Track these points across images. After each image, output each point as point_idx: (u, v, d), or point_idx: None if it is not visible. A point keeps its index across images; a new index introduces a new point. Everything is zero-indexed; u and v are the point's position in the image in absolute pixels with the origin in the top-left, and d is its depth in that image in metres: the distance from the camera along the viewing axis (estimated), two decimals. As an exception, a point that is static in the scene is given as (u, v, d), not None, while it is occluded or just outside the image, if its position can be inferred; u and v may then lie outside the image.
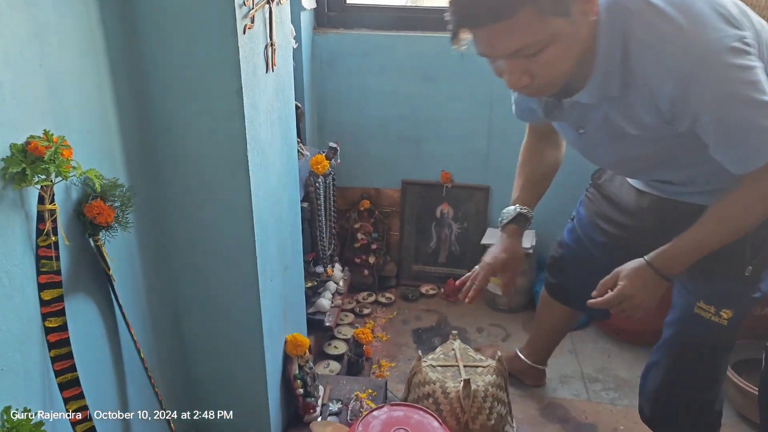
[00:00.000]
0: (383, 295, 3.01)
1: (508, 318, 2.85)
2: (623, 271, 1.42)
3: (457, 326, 2.74)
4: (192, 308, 1.70)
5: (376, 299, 2.99)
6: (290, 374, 1.97)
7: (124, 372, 1.45)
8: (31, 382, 1.11)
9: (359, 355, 2.45)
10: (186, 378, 1.80)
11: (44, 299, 1.11)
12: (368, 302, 2.95)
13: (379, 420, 1.70)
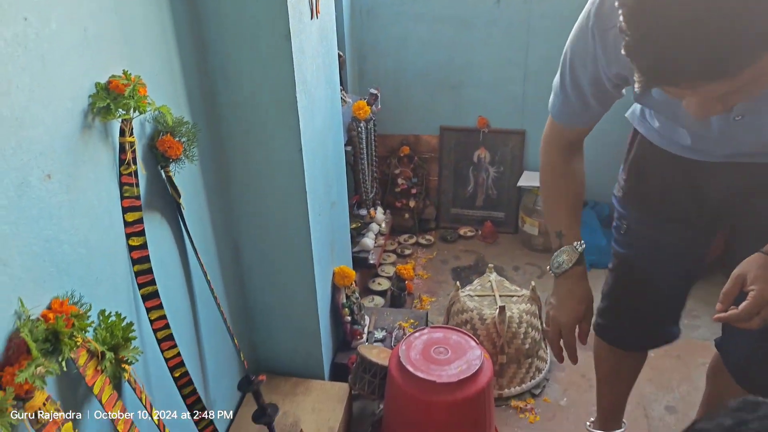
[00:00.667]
0: (423, 237, 3.15)
1: (544, 257, 2.95)
2: (748, 272, 1.09)
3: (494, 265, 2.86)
4: (250, 240, 1.87)
5: (417, 241, 3.13)
6: (338, 303, 2.14)
7: (194, 292, 1.62)
8: (120, 292, 1.28)
9: (401, 290, 2.61)
10: (244, 304, 1.98)
11: (127, 221, 1.28)
12: (409, 243, 3.10)
13: (420, 340, 1.85)
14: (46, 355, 0.99)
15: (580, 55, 1.20)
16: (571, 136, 1.39)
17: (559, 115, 1.35)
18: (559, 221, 1.42)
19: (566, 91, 1.28)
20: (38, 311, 1.01)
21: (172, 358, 1.42)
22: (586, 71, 1.21)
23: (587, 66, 1.20)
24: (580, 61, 1.21)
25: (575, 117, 1.33)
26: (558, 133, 1.40)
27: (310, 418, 1.92)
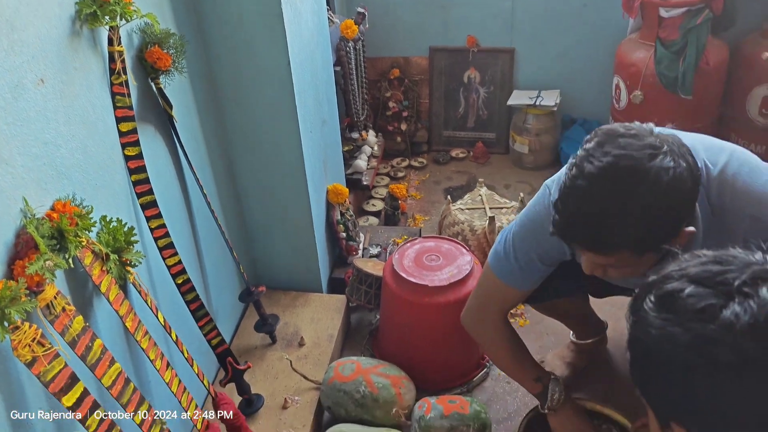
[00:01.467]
0: (416, 160, 3.19)
1: (534, 175, 3.00)
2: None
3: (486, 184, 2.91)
4: (244, 157, 1.90)
5: (409, 163, 3.17)
6: (333, 220, 2.20)
7: (191, 206, 1.67)
8: (119, 200, 1.33)
9: (395, 209, 2.66)
10: (241, 221, 2.03)
11: (122, 131, 1.31)
12: (402, 166, 3.14)
13: (413, 249, 1.92)
14: (54, 252, 1.05)
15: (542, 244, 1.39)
16: (511, 301, 1.55)
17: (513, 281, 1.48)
18: (531, 370, 1.58)
19: (519, 264, 1.44)
20: (42, 211, 1.06)
21: (174, 266, 1.48)
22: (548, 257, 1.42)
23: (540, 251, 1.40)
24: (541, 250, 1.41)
25: (526, 282, 1.48)
26: (500, 299, 1.53)
27: (310, 327, 2.00)
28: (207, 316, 1.58)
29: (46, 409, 1.09)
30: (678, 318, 0.70)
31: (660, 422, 0.78)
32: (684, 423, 0.72)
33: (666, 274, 0.75)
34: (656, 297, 0.73)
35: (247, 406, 1.71)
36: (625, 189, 1.05)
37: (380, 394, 1.69)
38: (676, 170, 1.04)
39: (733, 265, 0.71)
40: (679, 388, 0.70)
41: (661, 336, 0.71)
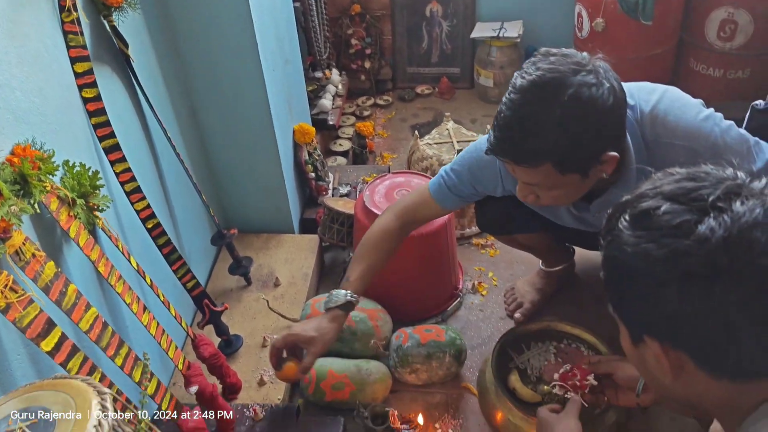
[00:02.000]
0: (381, 98, 3.16)
1: (501, 108, 3.00)
2: None
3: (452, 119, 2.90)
4: (206, 101, 1.86)
5: (375, 102, 3.14)
6: (301, 160, 2.18)
7: (155, 150, 1.64)
8: (81, 145, 1.29)
9: (363, 147, 2.65)
10: (208, 165, 2.00)
11: (77, 71, 1.27)
12: (367, 105, 3.11)
13: (383, 185, 1.93)
14: (18, 197, 1.02)
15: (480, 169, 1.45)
16: (430, 214, 1.60)
17: (440, 197, 1.54)
18: (356, 270, 1.53)
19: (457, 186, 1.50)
20: (2, 156, 1.03)
21: (143, 210, 1.46)
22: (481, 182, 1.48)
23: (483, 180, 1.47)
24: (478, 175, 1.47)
25: (452, 202, 1.55)
26: (418, 208, 1.57)
27: (284, 267, 2.02)
28: (180, 260, 1.58)
29: (24, 355, 1.09)
30: (652, 234, 0.72)
31: (633, 338, 0.81)
32: (657, 336, 0.75)
33: (640, 193, 0.77)
34: (631, 216, 0.75)
35: (227, 347, 1.73)
36: (545, 98, 1.12)
37: (358, 327, 1.72)
38: (598, 88, 1.12)
39: (707, 181, 0.74)
40: (652, 303, 0.73)
41: (635, 252, 0.73)
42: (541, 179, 1.22)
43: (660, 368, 0.78)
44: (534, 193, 1.28)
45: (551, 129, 1.13)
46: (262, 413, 1.53)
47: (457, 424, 1.64)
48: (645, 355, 0.80)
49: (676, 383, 0.77)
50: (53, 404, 0.84)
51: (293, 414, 1.53)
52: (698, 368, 0.74)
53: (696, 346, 0.73)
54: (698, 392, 0.78)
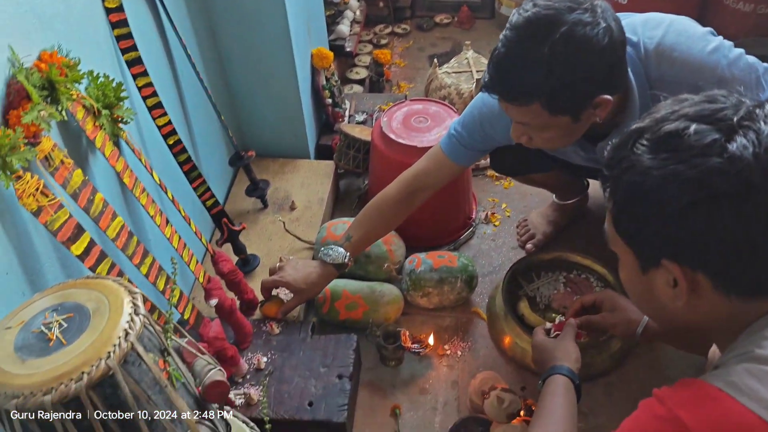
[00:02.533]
0: (399, 26, 3.10)
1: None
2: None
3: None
4: (225, 20, 1.83)
5: (393, 30, 3.08)
6: (318, 85, 2.17)
7: (176, 68, 1.63)
8: (104, 56, 1.29)
9: (380, 75, 2.63)
10: (226, 87, 2.00)
11: (100, -19, 1.25)
12: (385, 33, 3.05)
13: (401, 111, 1.92)
14: (46, 103, 1.04)
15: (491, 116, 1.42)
16: (445, 175, 1.57)
17: (454, 154, 1.53)
18: (358, 233, 1.59)
19: (470, 140, 1.49)
20: (30, 61, 1.04)
21: (164, 126, 1.47)
22: (495, 129, 1.44)
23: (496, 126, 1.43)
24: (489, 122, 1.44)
25: (467, 157, 1.54)
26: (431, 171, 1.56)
27: (300, 192, 2.04)
28: (200, 177, 1.60)
29: (55, 259, 1.13)
30: (681, 155, 0.72)
31: (644, 265, 0.81)
32: (678, 258, 0.76)
33: (659, 118, 0.77)
34: (653, 140, 0.75)
35: (244, 265, 1.78)
36: (536, 36, 1.11)
37: (372, 250, 1.75)
38: (593, 27, 1.10)
39: (726, 103, 0.74)
40: (678, 225, 0.73)
41: (663, 175, 0.73)
42: (531, 119, 1.22)
43: (672, 293, 0.78)
44: (527, 134, 1.29)
45: (539, 67, 1.12)
46: (278, 328, 1.59)
47: (465, 346, 1.69)
48: (654, 282, 0.81)
49: (684, 307, 0.79)
50: (87, 301, 0.88)
51: (308, 330, 1.59)
52: (713, 287, 0.75)
53: (718, 266, 0.74)
54: (702, 312, 0.79)
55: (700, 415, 0.67)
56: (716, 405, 0.67)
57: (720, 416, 0.66)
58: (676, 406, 0.69)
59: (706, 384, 0.70)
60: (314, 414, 1.41)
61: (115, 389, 0.82)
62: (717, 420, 0.66)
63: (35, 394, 0.77)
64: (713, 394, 0.68)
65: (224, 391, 1.01)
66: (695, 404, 0.69)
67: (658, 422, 0.71)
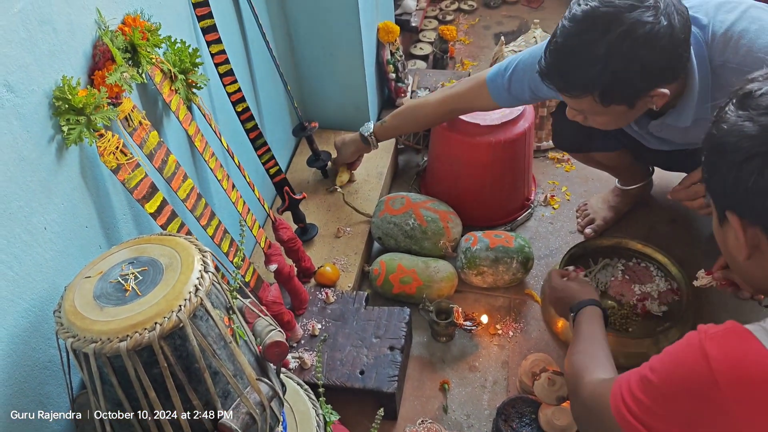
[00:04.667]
0: (465, 3, 3.06)
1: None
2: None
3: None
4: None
5: (459, 7, 3.05)
6: (383, 59, 2.17)
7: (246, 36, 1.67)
8: (182, 22, 1.33)
9: (444, 52, 2.61)
10: (292, 57, 2.02)
11: (181, -52, 1.29)
12: (451, 10, 3.02)
13: (465, 89, 1.91)
14: (128, 65, 1.08)
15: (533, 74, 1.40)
16: (481, 106, 1.64)
17: (496, 92, 1.55)
18: (391, 120, 1.78)
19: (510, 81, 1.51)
20: (115, 24, 1.08)
21: (234, 93, 1.51)
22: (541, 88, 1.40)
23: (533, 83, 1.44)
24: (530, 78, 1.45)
25: (506, 101, 1.57)
26: (470, 97, 1.61)
27: (361, 165, 2.05)
28: (265, 146, 1.63)
29: (129, 216, 1.18)
30: (750, 113, 0.77)
31: (720, 217, 0.86)
32: (737, 211, 0.81)
33: (751, 78, 0.81)
34: (737, 98, 0.80)
35: (303, 234, 1.81)
36: (595, 32, 1.11)
37: (429, 226, 1.76)
38: (654, 26, 1.08)
39: None
40: (737, 177, 0.77)
41: (730, 129, 0.78)
42: (585, 108, 1.25)
43: (738, 246, 0.83)
44: (582, 115, 1.31)
45: (595, 64, 1.13)
46: (334, 297, 1.62)
47: (518, 327, 1.69)
48: (727, 234, 0.86)
49: (750, 262, 0.83)
50: (160, 256, 0.92)
51: (362, 301, 1.62)
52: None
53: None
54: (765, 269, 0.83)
55: (723, 349, 0.74)
56: (741, 343, 0.73)
57: (741, 353, 0.73)
58: (706, 339, 0.76)
59: (740, 326, 0.76)
60: (365, 382, 1.44)
61: (184, 341, 0.86)
62: (737, 356, 0.73)
63: (112, 340, 0.82)
64: (743, 334, 0.74)
65: (283, 351, 1.04)
66: (723, 340, 0.75)
67: (688, 349, 0.79)
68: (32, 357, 0.96)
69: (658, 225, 1.91)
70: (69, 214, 1.01)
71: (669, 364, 0.82)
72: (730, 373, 0.72)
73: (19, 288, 0.92)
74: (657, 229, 1.90)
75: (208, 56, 1.43)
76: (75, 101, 0.95)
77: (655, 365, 0.84)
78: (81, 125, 0.97)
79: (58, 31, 0.95)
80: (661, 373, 0.82)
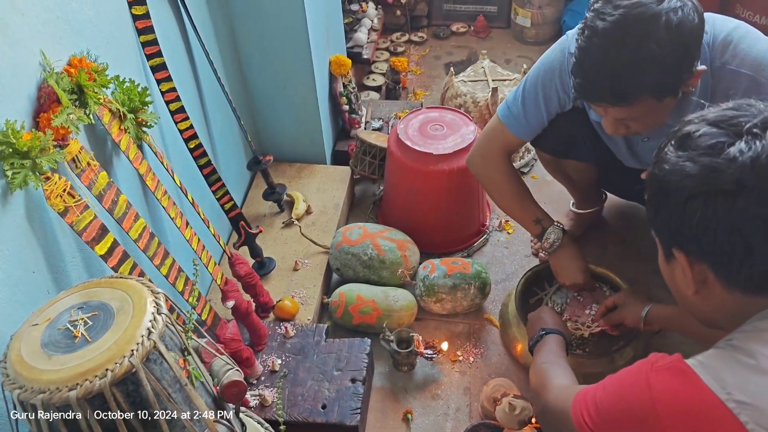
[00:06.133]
0: (416, 35, 3.12)
1: (536, 49, 2.95)
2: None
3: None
4: (245, 22, 1.86)
5: (409, 38, 3.11)
6: (336, 91, 2.19)
7: (197, 72, 1.66)
8: (130, 61, 1.33)
9: (396, 83, 2.65)
10: (245, 91, 2.03)
11: (128, -12, 1.29)
12: (402, 41, 3.08)
13: (417, 119, 1.94)
14: (75, 106, 1.07)
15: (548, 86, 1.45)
16: (514, 146, 1.63)
17: (516, 128, 1.55)
18: (533, 211, 1.66)
19: (527, 111, 1.51)
20: (60, 66, 1.07)
21: (186, 130, 1.50)
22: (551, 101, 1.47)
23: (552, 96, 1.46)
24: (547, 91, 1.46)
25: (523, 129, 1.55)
26: (503, 143, 1.60)
27: (316, 196, 2.06)
28: (219, 181, 1.62)
29: (79, 258, 1.15)
30: (690, 154, 0.79)
31: (665, 254, 0.89)
32: (683, 248, 0.83)
33: (688, 120, 0.83)
34: (676, 139, 0.83)
35: (260, 268, 1.80)
36: (639, 35, 1.11)
37: (387, 256, 1.77)
38: (683, 9, 1.11)
39: (749, 112, 0.80)
40: (681, 215, 0.80)
41: (672, 169, 0.80)
42: (638, 112, 1.22)
43: (685, 281, 0.86)
44: (624, 125, 1.28)
45: (651, 64, 1.12)
46: (293, 331, 1.61)
47: (478, 352, 1.70)
48: (674, 270, 0.88)
49: (698, 297, 0.86)
50: (111, 300, 0.90)
51: (323, 333, 1.61)
52: (717, 280, 0.82)
53: (716, 257, 0.80)
54: (714, 305, 0.86)
55: (665, 382, 0.78)
56: (682, 377, 0.76)
57: (681, 386, 0.76)
58: (652, 371, 0.80)
59: (683, 362, 0.79)
60: (327, 416, 1.43)
61: (137, 386, 0.84)
62: (676, 389, 0.76)
63: (61, 390, 0.79)
64: (684, 369, 0.77)
65: (242, 390, 1.03)
66: (667, 373, 0.78)
67: (636, 378, 0.82)
68: (-23, 411, 0.92)
69: (610, 246, 1.96)
70: (15, 259, 0.99)
71: (617, 388, 0.86)
72: (669, 404, 0.76)
73: (-38, 339, 0.89)
74: (609, 250, 1.95)
75: (159, 94, 1.42)
76: (19, 145, 0.94)
77: (607, 387, 0.88)
78: (26, 169, 0.95)
79: (0, 74, 0.94)
80: (610, 396, 0.86)
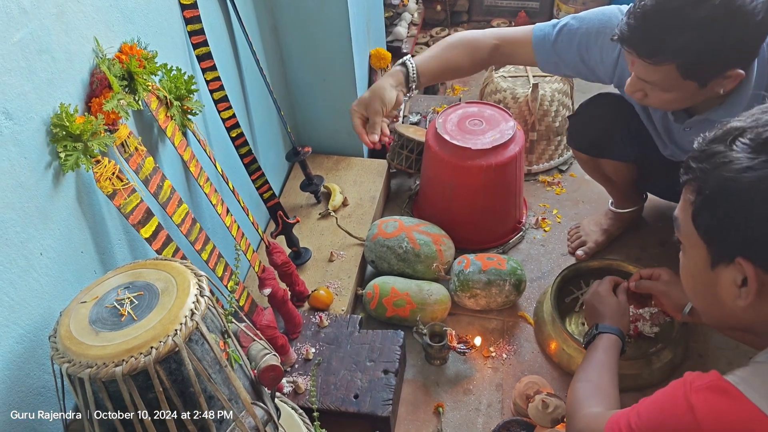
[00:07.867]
0: (455, 30, 3.11)
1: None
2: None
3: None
4: (288, 18, 1.88)
5: (449, 33, 3.10)
6: (375, 85, 2.20)
7: (240, 62, 1.69)
8: (178, 50, 1.35)
9: (435, 77, 2.64)
10: (285, 83, 2.05)
11: (177, -22, 1.31)
12: (441, 36, 3.07)
13: (456, 113, 1.93)
14: (125, 92, 1.09)
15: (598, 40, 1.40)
16: (520, 59, 1.56)
17: (540, 49, 1.48)
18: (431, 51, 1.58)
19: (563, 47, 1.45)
20: (112, 52, 1.10)
21: (229, 119, 1.53)
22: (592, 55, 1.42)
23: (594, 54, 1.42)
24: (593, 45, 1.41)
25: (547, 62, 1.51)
26: (515, 45, 1.53)
27: (353, 189, 2.07)
28: (259, 170, 1.65)
29: (124, 241, 1.19)
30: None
31: (716, 261, 0.82)
32: (755, 260, 0.77)
33: (764, 122, 0.77)
34: (755, 141, 0.76)
35: (296, 258, 1.82)
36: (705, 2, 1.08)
37: (422, 249, 1.78)
38: (753, 1, 1.07)
39: None
40: (763, 227, 0.75)
41: (759, 177, 0.74)
42: (659, 79, 1.20)
43: (737, 292, 0.80)
44: (643, 91, 1.26)
45: (690, 29, 1.09)
46: (327, 321, 1.62)
47: (511, 349, 1.70)
48: (720, 278, 0.82)
49: (746, 306, 0.81)
50: (156, 280, 0.93)
51: (356, 324, 1.62)
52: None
53: None
54: (762, 314, 0.81)
55: (708, 402, 0.76)
56: (727, 397, 0.75)
57: (727, 407, 0.74)
58: (692, 391, 0.78)
59: (723, 379, 0.77)
60: (359, 406, 1.44)
61: (179, 365, 0.86)
62: (723, 410, 0.75)
63: (107, 365, 0.82)
64: (726, 387, 0.75)
65: (278, 375, 1.04)
66: (709, 393, 0.77)
67: (674, 401, 0.80)
68: (26, 383, 0.96)
69: (649, 247, 1.93)
70: (65, 239, 1.02)
71: (656, 413, 0.83)
72: (716, 425, 0.75)
73: (14, 314, 0.92)
74: (648, 250, 1.92)
75: (203, 83, 1.45)
76: (72, 128, 0.97)
77: (642, 413, 0.85)
78: (78, 152, 0.98)
79: (56, 59, 0.97)
80: (649, 422, 0.84)
